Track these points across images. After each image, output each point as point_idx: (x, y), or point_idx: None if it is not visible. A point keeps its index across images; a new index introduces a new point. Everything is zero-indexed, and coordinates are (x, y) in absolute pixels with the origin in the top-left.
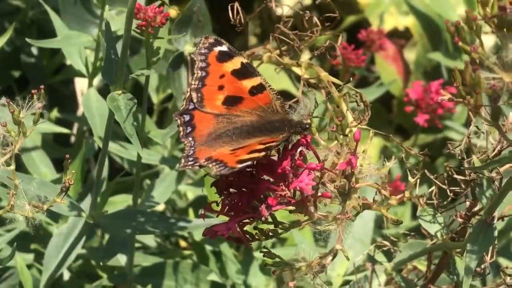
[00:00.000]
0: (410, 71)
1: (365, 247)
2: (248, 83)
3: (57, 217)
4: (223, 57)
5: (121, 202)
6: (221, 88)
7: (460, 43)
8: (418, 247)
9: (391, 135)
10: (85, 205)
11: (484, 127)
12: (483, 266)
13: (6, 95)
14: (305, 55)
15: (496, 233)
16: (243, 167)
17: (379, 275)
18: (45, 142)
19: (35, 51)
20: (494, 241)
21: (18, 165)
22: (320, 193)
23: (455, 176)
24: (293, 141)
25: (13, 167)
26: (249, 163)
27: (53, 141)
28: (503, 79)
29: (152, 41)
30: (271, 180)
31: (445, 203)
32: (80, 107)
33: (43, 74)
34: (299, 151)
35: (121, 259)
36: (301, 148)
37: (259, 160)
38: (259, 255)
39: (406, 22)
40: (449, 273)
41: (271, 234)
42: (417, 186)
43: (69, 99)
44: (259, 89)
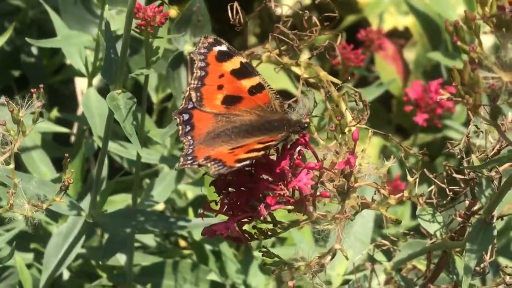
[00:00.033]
0: (409, 70)
1: (365, 246)
2: (247, 83)
3: (56, 217)
4: (223, 57)
5: (120, 201)
6: (220, 87)
7: (459, 43)
8: (417, 247)
9: (390, 135)
10: (85, 205)
11: (483, 127)
12: (482, 265)
13: (5, 95)
14: (304, 55)
15: (495, 232)
16: (241, 166)
17: (379, 274)
18: (45, 141)
19: (35, 50)
20: (493, 240)
21: (18, 165)
22: (319, 192)
23: (455, 175)
24: (292, 141)
25: (12, 166)
26: (248, 162)
27: (53, 140)
28: (502, 78)
29: (151, 41)
30: (270, 179)
31: (444, 202)
32: (80, 107)
33: (43, 73)
34: (297, 150)
35: (120, 259)
36: (300, 147)
37: (258, 159)
38: (258, 254)
39: (405, 22)
40: (449, 273)
41: (270, 233)
42: (416, 185)
43: (69, 98)
44: (258, 88)
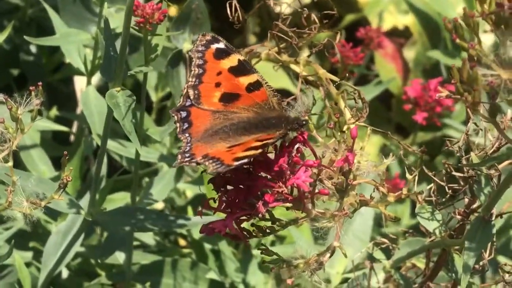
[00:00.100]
0: (409, 69)
1: (364, 245)
2: (245, 80)
3: (55, 215)
4: (220, 54)
5: (120, 199)
6: (218, 85)
7: (457, 40)
8: (416, 245)
9: (389, 133)
10: (84, 203)
11: (482, 125)
12: (481, 263)
13: (4, 93)
14: (304, 53)
15: (494, 230)
16: (239, 165)
17: (378, 272)
18: (44, 140)
19: (34, 49)
20: (492, 238)
21: (17, 163)
22: (317, 190)
23: (454, 173)
24: (291, 138)
25: (11, 163)
26: (246, 160)
27: (52, 139)
28: (501, 76)
29: (150, 38)
30: (268, 177)
31: (443, 200)
32: (79, 106)
33: (42, 72)
34: (296, 148)
35: (119, 257)
36: (298, 145)
37: (256, 157)
38: (258, 253)
39: (405, 20)
40: (448, 271)
41: (268, 231)
42: (416, 183)
43: (68, 97)
44: (256, 86)
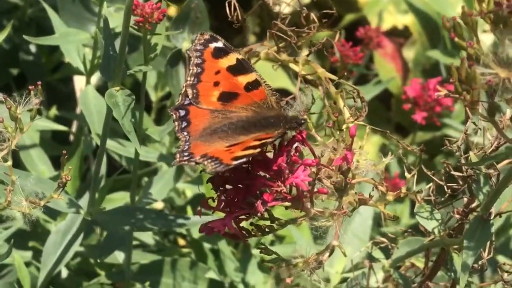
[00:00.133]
0: (408, 69)
1: (364, 244)
2: (243, 79)
3: (55, 215)
4: (219, 53)
5: (119, 199)
6: (216, 84)
7: (456, 39)
8: (415, 244)
9: (388, 132)
10: (83, 202)
11: (481, 124)
12: (480, 262)
13: (4, 93)
14: (304, 53)
15: (493, 229)
16: (238, 164)
17: (377, 272)
18: (44, 140)
19: (33, 48)
20: (491, 237)
21: (16, 163)
22: (316, 189)
23: (453, 172)
24: (289, 137)
25: (10, 163)
26: (245, 160)
27: (51, 139)
28: (499, 74)
29: (149, 38)
30: (267, 176)
31: (442, 200)
32: (79, 105)
33: (41, 71)
34: (294, 147)
35: (119, 257)
36: (297, 144)
37: (255, 156)
38: (257, 253)
39: (405, 20)
40: (447, 270)
41: (267, 230)
42: (415, 182)
43: (68, 97)
44: (254, 85)
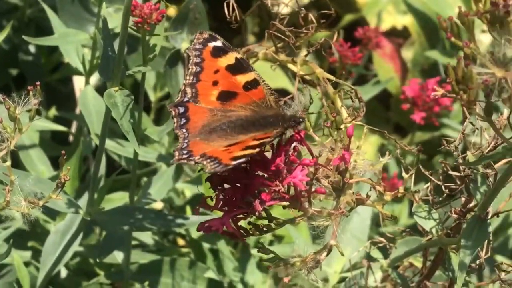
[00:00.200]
0: (407, 69)
1: (362, 244)
2: (242, 78)
3: (54, 215)
4: (218, 53)
5: (118, 199)
6: (215, 83)
7: (452, 38)
8: (413, 244)
9: (386, 132)
10: (83, 202)
11: (479, 124)
12: (478, 262)
13: (3, 93)
14: (302, 53)
15: (490, 229)
16: (237, 164)
17: (375, 272)
18: (43, 140)
19: (33, 49)
20: (488, 236)
21: (15, 163)
22: (314, 188)
23: (451, 172)
24: (288, 137)
25: (9, 163)
26: (243, 160)
27: (51, 139)
28: (496, 74)
29: (148, 38)
30: (265, 175)
31: (440, 199)
32: (78, 106)
33: (41, 72)
34: (293, 146)
35: (118, 257)
36: (295, 143)
37: (253, 156)
38: (256, 252)
39: (404, 21)
40: (445, 269)
41: (265, 229)
42: (413, 182)
43: (67, 97)
44: (253, 84)
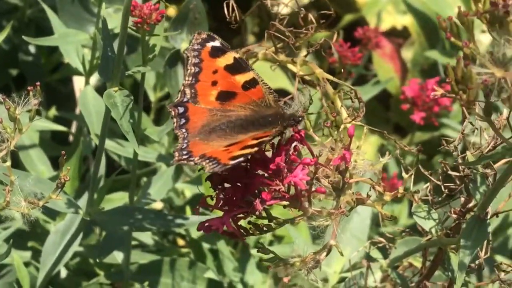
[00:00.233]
0: (407, 69)
1: (362, 244)
2: (241, 78)
3: (54, 215)
4: (216, 53)
5: (118, 199)
6: (214, 83)
7: (452, 38)
8: (413, 244)
9: (385, 132)
10: (82, 203)
11: (478, 123)
12: (477, 262)
13: (3, 94)
14: (302, 53)
15: (489, 229)
16: (236, 163)
17: (375, 272)
18: (43, 140)
19: (33, 49)
20: (487, 236)
21: (15, 163)
22: (314, 188)
23: (450, 172)
24: (288, 136)
25: (8, 163)
26: (242, 159)
27: (51, 139)
28: (495, 74)
29: (148, 38)
30: (265, 175)
31: (440, 199)
32: (78, 106)
33: (41, 72)
34: (293, 146)
35: (118, 257)
36: (295, 143)
37: (253, 155)
38: (256, 253)
39: (404, 21)
40: (444, 269)
41: (265, 229)
42: (412, 182)
43: (67, 97)
44: (252, 83)
